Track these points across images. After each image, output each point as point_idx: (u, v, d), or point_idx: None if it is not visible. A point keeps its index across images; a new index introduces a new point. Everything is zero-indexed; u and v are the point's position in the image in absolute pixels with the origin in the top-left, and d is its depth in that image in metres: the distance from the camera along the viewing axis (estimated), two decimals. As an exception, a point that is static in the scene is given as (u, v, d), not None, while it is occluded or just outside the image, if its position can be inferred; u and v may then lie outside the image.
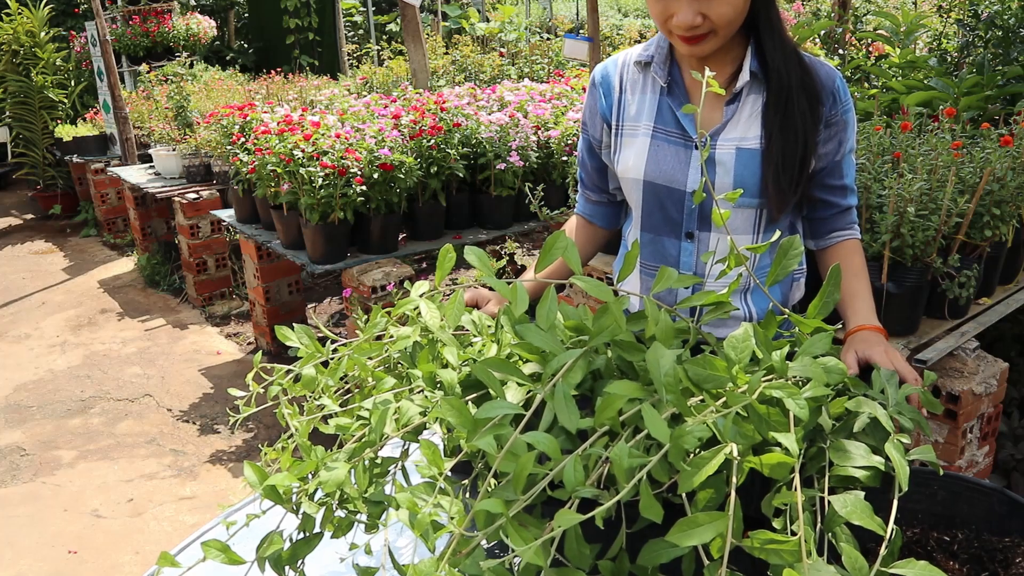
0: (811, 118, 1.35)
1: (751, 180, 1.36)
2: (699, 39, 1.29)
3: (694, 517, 0.74)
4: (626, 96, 1.46)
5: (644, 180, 1.43)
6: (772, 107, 1.34)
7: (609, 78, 1.49)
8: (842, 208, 1.46)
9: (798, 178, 1.36)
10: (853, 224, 1.48)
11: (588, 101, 1.52)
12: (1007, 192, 2.34)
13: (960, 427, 2.27)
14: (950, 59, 3.67)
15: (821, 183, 1.44)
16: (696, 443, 0.74)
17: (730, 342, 0.86)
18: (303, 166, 3.56)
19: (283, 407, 1.09)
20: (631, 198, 1.50)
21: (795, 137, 1.34)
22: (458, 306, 1.04)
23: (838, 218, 1.47)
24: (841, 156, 1.42)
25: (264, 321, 4.63)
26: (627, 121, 1.46)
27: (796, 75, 1.34)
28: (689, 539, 0.73)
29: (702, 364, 0.83)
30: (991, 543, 1.07)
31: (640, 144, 1.43)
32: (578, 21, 10.45)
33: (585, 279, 0.93)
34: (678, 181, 1.40)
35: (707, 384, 0.82)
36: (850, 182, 1.45)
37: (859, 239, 1.47)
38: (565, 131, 4.14)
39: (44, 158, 8.00)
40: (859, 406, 0.87)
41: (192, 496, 3.32)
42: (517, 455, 0.80)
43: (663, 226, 1.46)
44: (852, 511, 0.77)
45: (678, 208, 1.43)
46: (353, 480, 0.93)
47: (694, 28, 1.27)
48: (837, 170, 1.43)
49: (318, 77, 7.54)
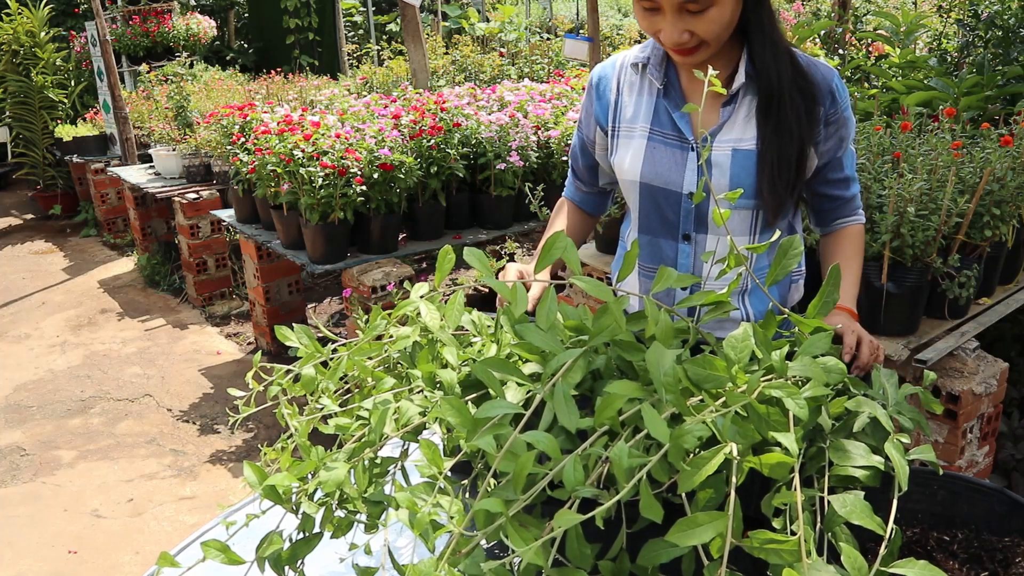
0: (807, 120, 1.35)
1: (747, 181, 1.37)
2: (690, 51, 1.30)
3: (694, 517, 0.74)
4: (623, 98, 1.47)
5: (640, 182, 1.44)
6: (763, 110, 1.35)
7: (607, 80, 1.49)
8: (845, 199, 1.49)
9: (794, 181, 1.36)
10: (856, 210, 1.51)
11: (584, 102, 1.54)
12: (1007, 192, 2.34)
13: (960, 427, 2.27)
14: (950, 59, 3.67)
15: (824, 179, 1.46)
16: (696, 443, 0.74)
17: (729, 342, 0.86)
18: (303, 166, 3.56)
19: (283, 407, 1.10)
20: (629, 199, 1.50)
21: (790, 139, 1.34)
22: (458, 307, 1.04)
23: (842, 207, 1.50)
24: (843, 152, 1.44)
25: (264, 321, 4.63)
26: (623, 123, 1.47)
27: (788, 77, 1.34)
28: (689, 539, 0.73)
29: (702, 364, 0.83)
30: (991, 543, 1.07)
31: (636, 146, 1.44)
32: (578, 21, 10.44)
33: (585, 279, 0.93)
34: (674, 183, 1.41)
35: (707, 384, 0.82)
36: (851, 172, 1.48)
37: (862, 223, 1.51)
38: (565, 131, 4.14)
39: (44, 158, 8.00)
40: (859, 406, 0.87)
41: (192, 496, 3.32)
42: (517, 455, 0.80)
43: (660, 228, 1.46)
44: (852, 511, 0.77)
45: (675, 210, 1.43)
46: (353, 480, 0.93)
47: (682, 44, 1.28)
48: (839, 165, 1.45)
49: (318, 77, 7.54)
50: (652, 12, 1.28)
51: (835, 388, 0.93)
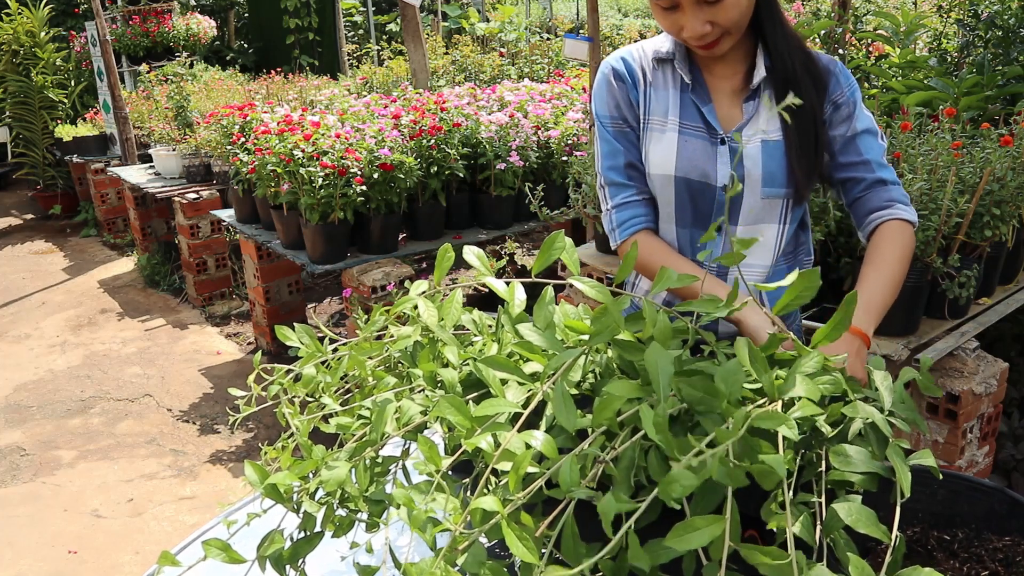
0: (817, 100, 1.39)
1: (778, 170, 1.40)
2: (713, 44, 1.33)
3: (691, 521, 0.74)
4: (651, 90, 1.47)
5: (676, 176, 1.44)
6: (782, 96, 1.38)
7: (633, 71, 1.47)
8: (870, 181, 1.42)
9: (815, 157, 1.40)
10: (892, 203, 1.41)
11: (616, 96, 1.47)
12: (1007, 192, 2.34)
13: (960, 427, 2.27)
14: (950, 59, 3.67)
15: (839, 164, 1.44)
16: (684, 492, 0.74)
17: (721, 374, 0.85)
18: (303, 166, 3.56)
19: (284, 406, 1.10)
20: (661, 194, 1.48)
21: (807, 119, 1.38)
22: (456, 305, 1.04)
23: (871, 195, 1.43)
24: (853, 133, 1.43)
25: (264, 321, 4.63)
26: (653, 116, 1.46)
27: (800, 60, 1.39)
28: (686, 543, 0.73)
29: (696, 385, 0.82)
30: (991, 542, 1.07)
31: (668, 140, 1.44)
32: (578, 21, 10.45)
33: (585, 280, 0.93)
34: (708, 176, 1.43)
35: (699, 407, 0.82)
36: (874, 156, 1.42)
37: (901, 219, 1.40)
38: (565, 131, 4.14)
39: (44, 158, 8.00)
40: (855, 411, 0.87)
41: (192, 496, 3.32)
42: (515, 453, 0.80)
43: (695, 220, 1.47)
44: (857, 519, 0.76)
45: (708, 202, 1.45)
46: (354, 479, 0.93)
47: (705, 36, 1.31)
48: (853, 147, 1.43)
49: (318, 77, 7.54)
50: (671, 10, 1.31)
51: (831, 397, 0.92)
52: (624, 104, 1.47)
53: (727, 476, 0.73)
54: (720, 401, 0.80)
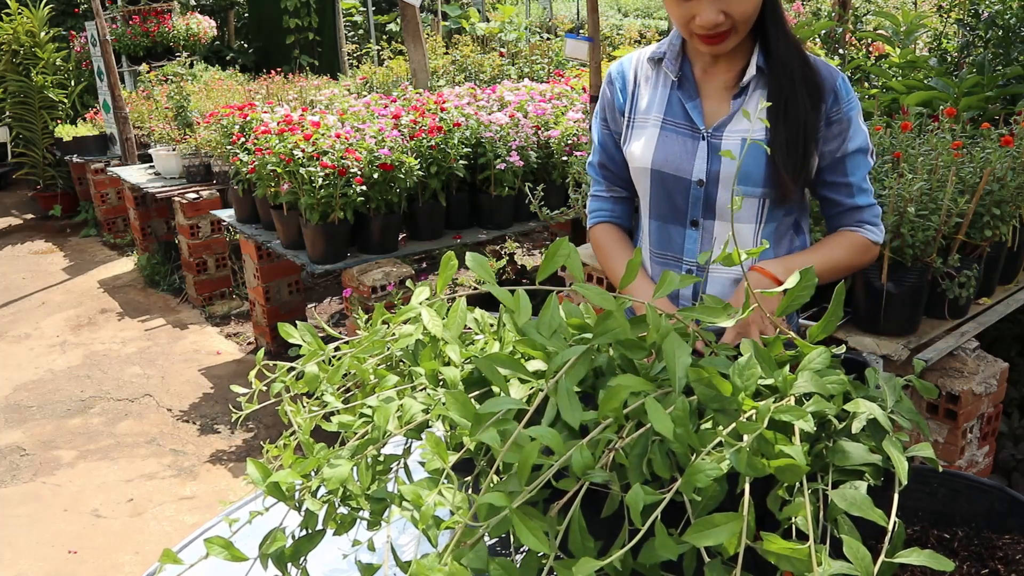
0: (812, 112, 1.39)
1: (756, 169, 1.41)
2: (721, 37, 1.34)
3: (710, 518, 0.75)
4: (639, 90, 1.53)
5: (652, 169, 1.48)
6: (775, 98, 1.39)
7: (624, 74, 1.56)
8: (847, 207, 1.47)
9: (801, 167, 1.40)
10: (862, 224, 1.46)
11: (605, 99, 1.59)
12: (1007, 192, 2.34)
13: (960, 427, 2.27)
14: (950, 59, 3.67)
15: (824, 181, 1.46)
16: (709, 481, 0.75)
17: (735, 369, 0.86)
18: (303, 166, 3.57)
19: (285, 404, 1.10)
20: (640, 187, 1.55)
21: (798, 127, 1.38)
22: (460, 316, 1.04)
23: (844, 216, 1.48)
24: (843, 154, 1.44)
25: (264, 321, 4.63)
26: (638, 113, 1.52)
27: (798, 66, 1.39)
28: (705, 539, 0.74)
29: (709, 385, 0.83)
30: (991, 540, 1.07)
31: (649, 134, 1.49)
32: (578, 21, 10.45)
33: (588, 287, 0.93)
34: (684, 170, 1.46)
35: (713, 405, 0.83)
36: (857, 180, 1.45)
37: (862, 235, 1.46)
38: (565, 131, 4.14)
39: (44, 158, 8.00)
40: (858, 408, 0.88)
41: (192, 496, 3.32)
42: (522, 447, 0.81)
43: (670, 214, 1.51)
44: (853, 503, 0.78)
45: (684, 197, 1.48)
46: (356, 477, 0.93)
47: (717, 26, 1.31)
48: (840, 168, 1.45)
49: (318, 77, 7.54)
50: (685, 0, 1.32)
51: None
52: (609, 108, 1.58)
53: (751, 468, 0.74)
54: (736, 396, 0.81)
